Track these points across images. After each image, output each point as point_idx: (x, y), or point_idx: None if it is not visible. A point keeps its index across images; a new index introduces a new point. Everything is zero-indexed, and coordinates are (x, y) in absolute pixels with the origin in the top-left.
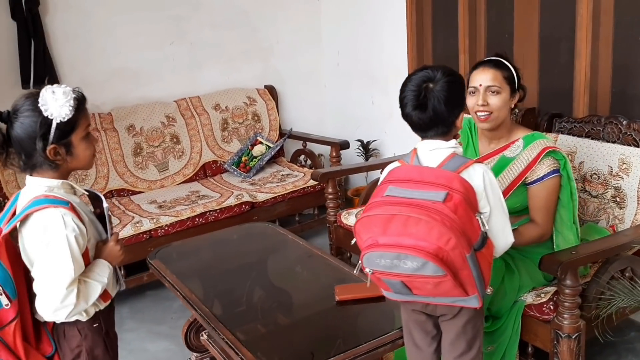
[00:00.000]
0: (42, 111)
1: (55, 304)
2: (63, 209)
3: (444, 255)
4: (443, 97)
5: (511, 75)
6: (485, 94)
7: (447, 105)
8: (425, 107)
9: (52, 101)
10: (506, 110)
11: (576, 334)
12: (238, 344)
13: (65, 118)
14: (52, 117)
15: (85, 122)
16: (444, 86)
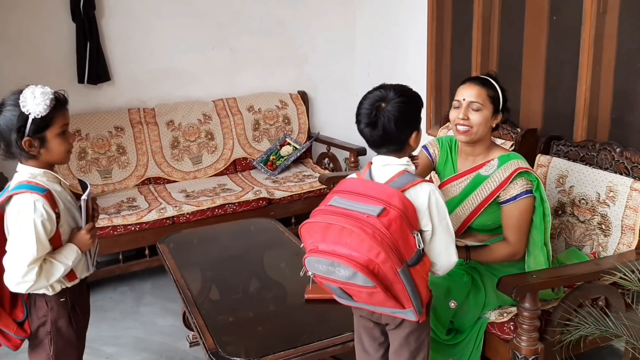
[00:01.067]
0: (21, 107)
1: (17, 278)
2: (37, 195)
3: (375, 267)
4: (393, 117)
5: (496, 95)
6: (467, 109)
7: (397, 124)
8: (375, 125)
9: (30, 99)
10: (486, 127)
11: (533, 357)
12: (204, 329)
13: (39, 115)
14: (28, 112)
15: (61, 120)
16: (395, 107)
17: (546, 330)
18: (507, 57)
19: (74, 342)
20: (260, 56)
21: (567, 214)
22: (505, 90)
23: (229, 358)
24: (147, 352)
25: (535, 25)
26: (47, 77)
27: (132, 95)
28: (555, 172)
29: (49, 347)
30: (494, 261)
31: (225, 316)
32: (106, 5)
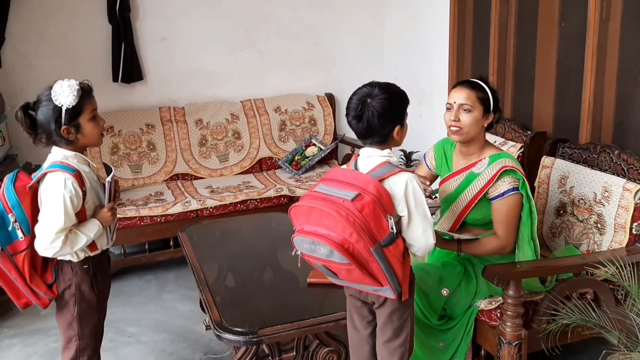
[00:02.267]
0: (54, 100)
1: (45, 243)
2: (68, 174)
3: (349, 246)
4: (376, 112)
5: (486, 96)
6: (458, 111)
7: (379, 119)
8: (361, 119)
9: (60, 92)
10: (477, 127)
11: (517, 342)
12: (212, 304)
13: (70, 105)
14: (60, 104)
15: (90, 107)
16: (379, 102)
17: (533, 319)
18: (522, 63)
19: (95, 305)
20: (288, 59)
21: (568, 213)
22: (496, 92)
23: (231, 328)
24: (166, 332)
25: (547, 32)
26: (84, 75)
27: (163, 94)
28: (557, 173)
29: (73, 308)
30: (484, 254)
31: (231, 294)
32: (140, 7)
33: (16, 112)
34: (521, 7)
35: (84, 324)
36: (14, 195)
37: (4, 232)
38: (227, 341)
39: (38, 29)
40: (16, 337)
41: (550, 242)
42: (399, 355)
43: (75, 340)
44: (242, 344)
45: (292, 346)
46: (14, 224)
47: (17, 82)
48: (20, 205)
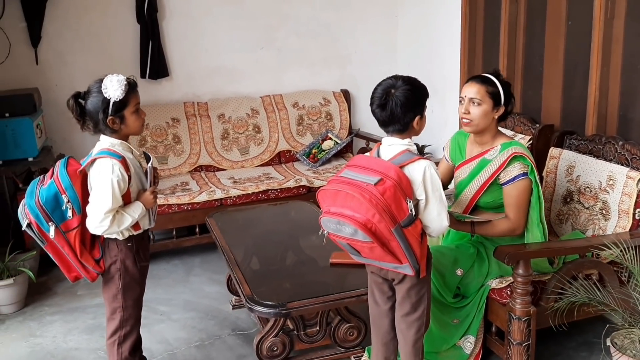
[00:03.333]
0: (103, 93)
1: (95, 222)
2: (115, 160)
3: (372, 226)
4: (399, 102)
5: (496, 90)
6: (468, 104)
7: (402, 108)
8: (385, 107)
9: (110, 86)
10: (486, 119)
11: (526, 318)
12: (242, 280)
13: (118, 98)
14: (109, 97)
15: (134, 100)
16: (402, 92)
17: (541, 298)
18: (530, 60)
19: (137, 279)
20: (306, 56)
21: (575, 201)
22: (508, 85)
23: (262, 302)
24: (195, 311)
25: (555, 30)
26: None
27: (187, 89)
28: (565, 163)
29: (118, 281)
30: (496, 235)
31: (259, 273)
32: (167, 8)
33: (68, 100)
34: (530, 6)
35: (127, 296)
36: (67, 178)
37: (58, 211)
38: (259, 313)
39: (72, 28)
40: (56, 315)
41: (557, 228)
42: (416, 328)
43: (119, 311)
44: (272, 315)
45: (316, 321)
46: (67, 204)
47: (52, 78)
48: (73, 187)
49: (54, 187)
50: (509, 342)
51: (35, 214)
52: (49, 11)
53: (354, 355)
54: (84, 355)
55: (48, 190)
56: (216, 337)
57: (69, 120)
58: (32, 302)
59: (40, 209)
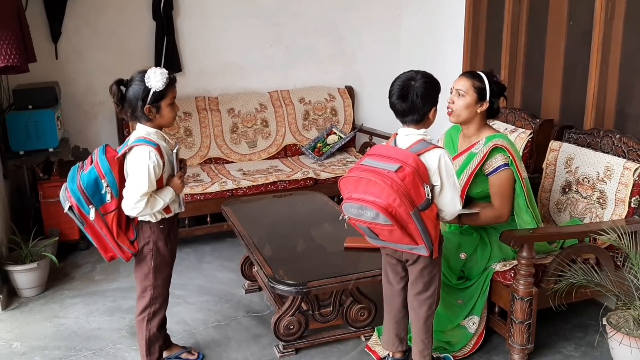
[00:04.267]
0: (146, 82)
1: (130, 204)
2: (151, 148)
3: (392, 210)
4: (420, 92)
5: (483, 86)
6: (454, 96)
7: (422, 98)
8: (406, 98)
9: (153, 77)
10: (469, 112)
11: (528, 298)
12: (263, 262)
13: (159, 89)
14: (150, 87)
15: (172, 94)
16: (422, 85)
17: (542, 280)
18: (532, 58)
19: (168, 260)
20: (312, 54)
21: (573, 191)
22: (498, 85)
23: (284, 281)
24: (209, 295)
25: (556, 29)
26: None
27: (199, 85)
28: (564, 156)
29: (150, 261)
30: (483, 223)
31: (279, 256)
32: (182, 6)
33: (111, 86)
34: (532, 6)
35: (158, 276)
36: (107, 164)
37: (97, 195)
38: (280, 291)
39: (91, 25)
40: (77, 298)
41: (556, 217)
42: (428, 305)
43: (149, 290)
44: (293, 293)
45: (329, 302)
46: (106, 189)
47: (70, 72)
48: (112, 173)
49: (95, 172)
50: (511, 321)
51: (77, 197)
52: (69, 8)
53: (364, 335)
54: (106, 334)
55: (89, 175)
56: (232, 319)
57: (85, 113)
58: (52, 287)
59: (81, 193)
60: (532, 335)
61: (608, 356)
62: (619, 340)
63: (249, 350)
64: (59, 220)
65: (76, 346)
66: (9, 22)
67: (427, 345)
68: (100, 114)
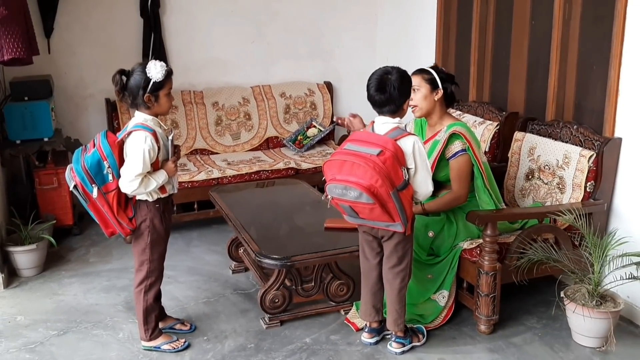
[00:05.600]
0: (146, 73)
1: (126, 182)
2: (148, 133)
3: (374, 190)
4: (396, 85)
5: (432, 77)
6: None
7: (399, 90)
8: (384, 90)
9: (153, 68)
10: (429, 102)
11: (493, 272)
12: (250, 240)
13: (158, 80)
14: (151, 77)
15: (169, 85)
16: (397, 78)
17: (505, 257)
18: (498, 55)
19: (163, 236)
20: (292, 50)
21: (535, 177)
22: (445, 73)
23: (270, 256)
24: (198, 275)
25: (520, 29)
26: (118, 62)
27: (184, 79)
28: (527, 145)
29: (147, 237)
30: (444, 207)
31: (264, 235)
32: (168, 4)
33: (115, 75)
34: (499, 7)
35: (154, 250)
36: (109, 147)
37: (100, 175)
38: (267, 264)
39: (82, 21)
40: (73, 277)
41: (520, 202)
42: (401, 278)
43: (146, 263)
44: (278, 267)
45: (311, 278)
46: (108, 169)
47: (62, 66)
48: (113, 155)
49: (97, 154)
50: (477, 295)
51: (82, 177)
52: (61, 5)
53: (343, 309)
54: (104, 309)
55: (92, 157)
56: (220, 295)
57: (76, 105)
58: (50, 268)
59: (85, 173)
60: (496, 307)
61: (566, 327)
62: (573, 309)
63: (237, 323)
64: (53, 207)
65: (76, 319)
66: (17, 16)
67: (401, 314)
68: (91, 107)
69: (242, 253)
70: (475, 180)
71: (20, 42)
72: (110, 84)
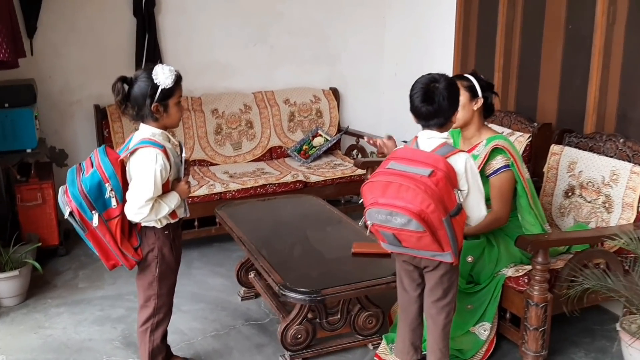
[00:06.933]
0: (153, 79)
1: (134, 209)
2: (158, 150)
3: (425, 216)
4: (445, 95)
5: (471, 84)
6: None
7: (448, 100)
8: (432, 101)
9: (161, 74)
10: (467, 111)
11: (543, 304)
12: (271, 269)
13: (167, 86)
14: (159, 84)
15: (179, 93)
16: (446, 87)
17: (555, 285)
18: (527, 60)
19: (173, 267)
20: (297, 54)
21: (576, 195)
22: (485, 81)
23: (295, 289)
24: (204, 303)
25: (553, 32)
26: (108, 64)
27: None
28: (566, 160)
29: (155, 269)
30: (483, 228)
31: (284, 261)
32: (164, 3)
33: (115, 83)
34: (527, 9)
35: (163, 284)
36: (110, 166)
37: (101, 199)
38: (293, 300)
39: (68, 20)
40: (61, 307)
41: (559, 221)
42: (446, 313)
43: (153, 299)
44: (307, 302)
45: (337, 310)
46: (110, 193)
47: (45, 69)
48: (116, 176)
49: (98, 175)
50: (524, 328)
51: (79, 202)
52: (45, 2)
53: (372, 343)
54: (99, 345)
55: (92, 178)
56: (230, 327)
57: (62, 112)
58: (34, 295)
59: (84, 198)
60: (546, 342)
61: None
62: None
63: None
64: (37, 225)
65: (67, 358)
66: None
67: (445, 354)
68: (78, 114)
69: (253, 278)
70: (519, 198)
71: (6, 44)
72: (99, 89)
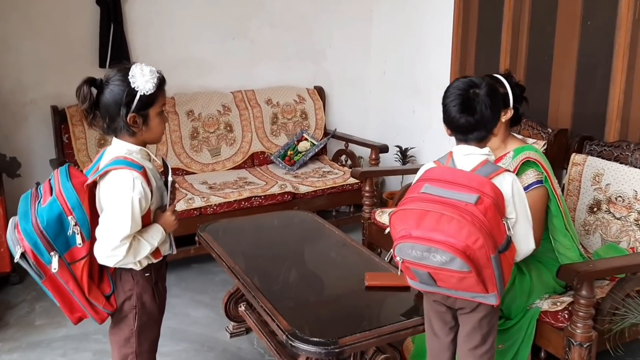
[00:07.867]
0: (130, 83)
1: (107, 251)
2: (136, 173)
3: (471, 253)
4: (488, 102)
5: (505, 92)
6: None
7: (491, 109)
8: (473, 111)
9: (139, 76)
10: None
11: (588, 344)
12: (275, 312)
13: (148, 92)
14: (137, 89)
15: (162, 100)
16: (488, 92)
17: (596, 320)
18: (536, 60)
19: (155, 317)
20: (279, 49)
21: (603, 210)
22: (519, 87)
23: (307, 338)
24: (187, 342)
25: (568, 29)
26: (68, 60)
27: None
28: (590, 171)
29: (133, 322)
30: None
31: (290, 300)
32: None
33: (81, 87)
34: (536, 4)
35: (143, 339)
36: (75, 195)
37: (62, 237)
38: (306, 353)
39: (19, 8)
40: (14, 352)
41: (583, 239)
42: None
43: (131, 358)
44: (323, 355)
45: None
46: (74, 228)
47: None
48: (82, 206)
49: (58, 206)
50: None
51: (34, 241)
52: None
53: None
54: None
55: (49, 210)
56: None
57: (13, 115)
58: None
59: (39, 235)
60: None
61: None
62: None
63: None
64: None
65: None
66: None
67: None
68: (32, 116)
69: (244, 311)
70: (552, 218)
71: None
72: (57, 88)
